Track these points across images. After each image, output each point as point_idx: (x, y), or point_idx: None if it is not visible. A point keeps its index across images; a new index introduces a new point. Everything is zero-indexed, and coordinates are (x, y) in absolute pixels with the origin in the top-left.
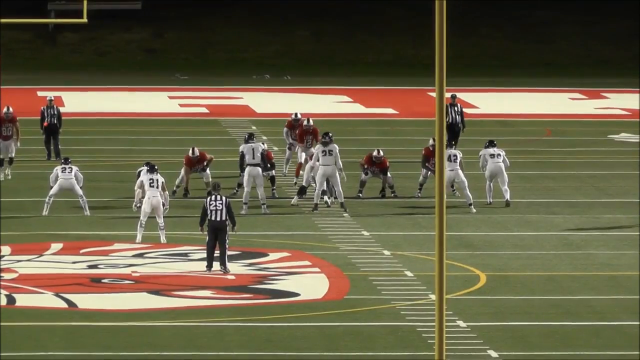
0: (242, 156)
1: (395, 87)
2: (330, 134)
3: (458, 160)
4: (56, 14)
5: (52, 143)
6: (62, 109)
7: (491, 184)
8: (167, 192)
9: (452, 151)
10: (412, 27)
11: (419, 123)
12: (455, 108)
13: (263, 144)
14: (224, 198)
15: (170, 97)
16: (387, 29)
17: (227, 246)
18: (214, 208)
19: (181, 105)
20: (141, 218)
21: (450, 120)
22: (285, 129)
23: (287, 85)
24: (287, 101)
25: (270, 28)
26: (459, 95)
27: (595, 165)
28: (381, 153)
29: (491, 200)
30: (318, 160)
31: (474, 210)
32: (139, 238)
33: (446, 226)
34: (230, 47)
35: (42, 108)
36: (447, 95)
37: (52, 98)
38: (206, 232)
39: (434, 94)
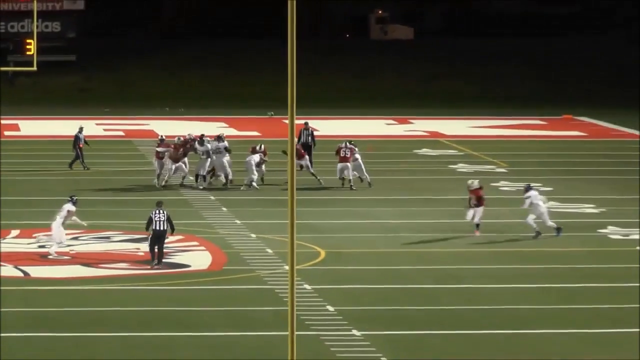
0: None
1: (259, 116)
2: None
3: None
4: (14, 64)
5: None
6: (18, 133)
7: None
8: None
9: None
10: (273, 70)
11: (277, 142)
12: (307, 131)
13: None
14: (165, 212)
15: (97, 124)
16: (255, 72)
17: (163, 251)
18: (158, 219)
19: (105, 130)
20: None
21: (303, 140)
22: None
23: (182, 115)
24: (182, 126)
25: (172, 72)
26: (302, 122)
27: (404, 171)
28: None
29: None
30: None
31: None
32: None
33: (296, 215)
34: (141, 88)
35: (76, 133)
36: (301, 122)
37: (83, 128)
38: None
39: (286, 121)
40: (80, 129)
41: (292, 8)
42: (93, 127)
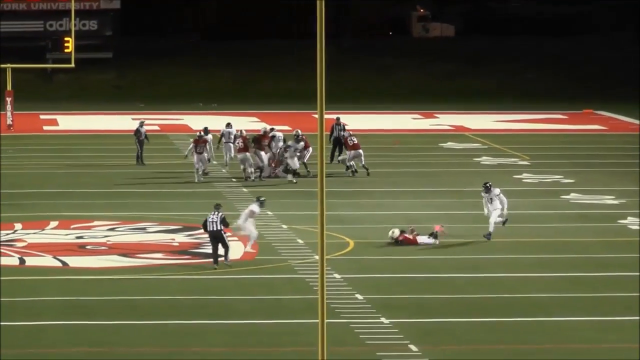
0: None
1: (289, 111)
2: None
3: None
4: (53, 61)
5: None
6: (56, 128)
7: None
8: None
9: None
10: (299, 68)
11: (308, 136)
12: (339, 126)
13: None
14: (220, 213)
15: (133, 119)
16: (282, 70)
17: (228, 246)
18: (211, 220)
19: None
20: None
21: (336, 135)
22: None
23: (214, 110)
24: (214, 121)
25: (203, 71)
26: (333, 116)
27: (429, 164)
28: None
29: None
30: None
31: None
32: None
33: (326, 207)
34: (174, 84)
35: (137, 127)
36: (334, 116)
37: (144, 122)
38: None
39: (316, 116)
40: (141, 123)
41: (320, 7)
42: (130, 122)
